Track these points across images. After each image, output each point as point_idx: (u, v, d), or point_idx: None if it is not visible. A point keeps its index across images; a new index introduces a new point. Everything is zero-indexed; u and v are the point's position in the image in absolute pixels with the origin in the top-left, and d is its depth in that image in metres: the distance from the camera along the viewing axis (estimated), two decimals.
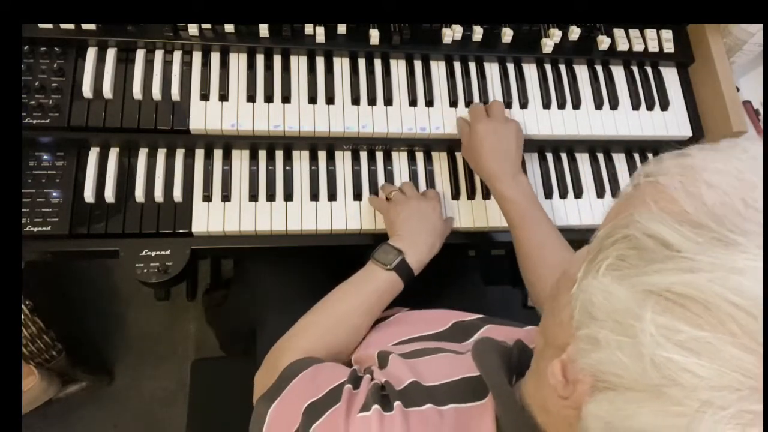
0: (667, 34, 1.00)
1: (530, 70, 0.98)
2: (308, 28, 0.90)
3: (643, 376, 0.31)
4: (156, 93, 0.86)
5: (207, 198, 0.87)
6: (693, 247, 0.31)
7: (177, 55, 0.89)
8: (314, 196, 0.89)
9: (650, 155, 1.01)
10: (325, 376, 0.59)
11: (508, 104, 0.94)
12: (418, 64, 0.95)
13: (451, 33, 0.93)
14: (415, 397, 0.52)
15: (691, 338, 0.29)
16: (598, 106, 0.97)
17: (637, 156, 1.00)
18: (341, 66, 0.93)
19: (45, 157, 0.84)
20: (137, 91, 0.86)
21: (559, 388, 0.39)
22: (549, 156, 0.98)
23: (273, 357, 0.71)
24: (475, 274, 1.08)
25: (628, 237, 0.34)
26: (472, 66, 0.96)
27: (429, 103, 0.92)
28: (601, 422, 0.34)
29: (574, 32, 0.96)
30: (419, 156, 0.95)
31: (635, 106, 0.98)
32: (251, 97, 0.88)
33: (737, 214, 0.31)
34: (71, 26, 0.85)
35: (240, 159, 0.90)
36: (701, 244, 0.31)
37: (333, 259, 1.02)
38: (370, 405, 0.51)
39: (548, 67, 0.98)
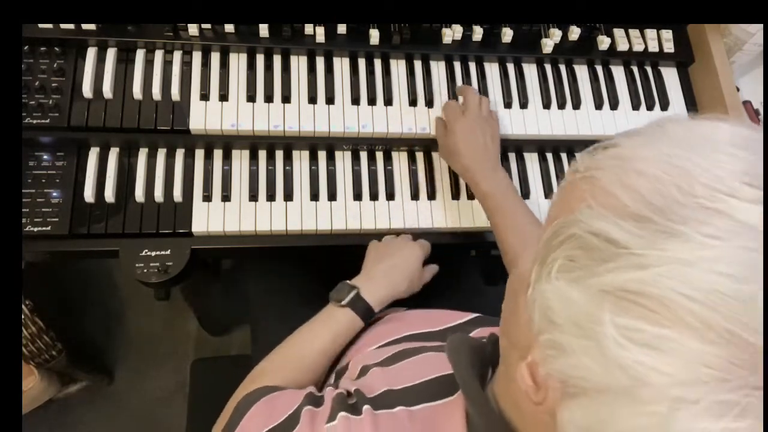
0: (667, 34, 1.00)
1: (530, 70, 0.98)
2: (308, 28, 0.90)
3: (611, 379, 0.31)
4: (156, 93, 0.86)
5: (207, 198, 0.87)
6: (638, 242, 0.31)
7: (177, 55, 0.89)
8: (314, 196, 0.89)
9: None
10: (282, 402, 0.57)
11: (507, 104, 0.94)
12: (418, 64, 0.95)
13: (451, 33, 0.93)
14: (386, 401, 0.52)
15: (653, 337, 0.29)
16: (598, 106, 0.97)
17: None
18: (341, 66, 0.93)
19: (45, 157, 0.84)
20: (137, 91, 0.86)
21: (530, 393, 0.38)
22: (549, 156, 0.98)
23: (230, 404, 0.68)
24: (475, 274, 1.08)
25: (573, 236, 0.34)
26: (472, 66, 0.96)
27: (429, 103, 0.92)
28: (578, 429, 0.34)
29: (574, 32, 0.96)
30: (419, 156, 0.95)
31: (635, 106, 0.98)
32: (251, 97, 0.88)
33: (675, 201, 0.31)
34: (71, 26, 0.85)
35: (240, 159, 0.90)
36: (645, 237, 0.31)
37: (328, 261, 1.02)
38: (336, 414, 0.50)
39: (548, 67, 0.98)
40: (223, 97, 0.88)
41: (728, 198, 0.30)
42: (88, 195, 0.83)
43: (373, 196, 0.91)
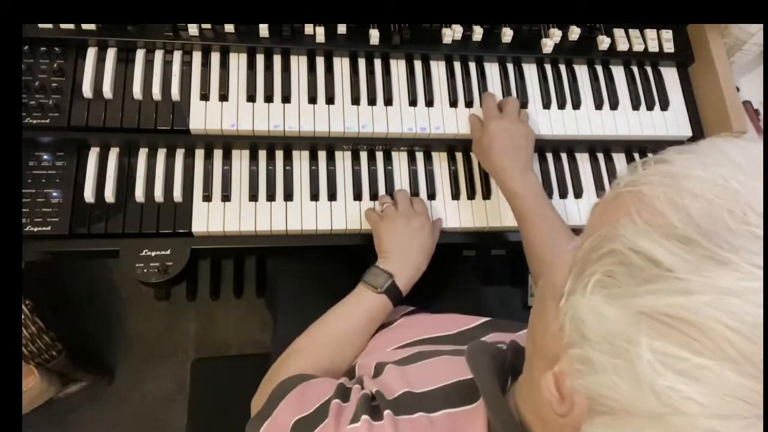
0: (667, 34, 1.00)
1: (530, 70, 0.98)
2: (308, 28, 0.90)
3: (643, 402, 0.30)
4: (156, 93, 0.86)
5: (207, 198, 0.87)
6: (684, 266, 0.30)
7: (177, 55, 0.89)
8: (314, 196, 0.89)
9: (650, 155, 1.00)
10: (314, 392, 0.58)
11: None
12: (418, 64, 0.95)
13: (451, 33, 0.93)
14: (406, 405, 0.52)
15: (691, 366, 0.29)
16: (598, 106, 0.97)
17: (637, 156, 1.00)
18: (341, 66, 0.93)
19: (45, 157, 0.84)
20: (137, 91, 0.86)
21: (554, 403, 0.38)
22: (549, 156, 0.98)
23: (267, 381, 0.70)
24: (475, 275, 1.08)
25: (614, 252, 0.33)
26: (472, 66, 0.96)
27: (429, 103, 0.92)
28: None
29: (574, 32, 0.96)
30: (419, 156, 0.95)
31: (635, 106, 0.98)
32: (251, 97, 0.88)
33: (726, 228, 0.30)
34: (71, 26, 0.85)
35: (240, 159, 0.90)
36: (692, 262, 0.30)
37: (345, 256, 1.02)
38: (360, 416, 0.51)
39: (548, 67, 0.98)
40: (223, 97, 0.88)
41: None
42: (88, 195, 0.83)
43: (373, 196, 0.91)
